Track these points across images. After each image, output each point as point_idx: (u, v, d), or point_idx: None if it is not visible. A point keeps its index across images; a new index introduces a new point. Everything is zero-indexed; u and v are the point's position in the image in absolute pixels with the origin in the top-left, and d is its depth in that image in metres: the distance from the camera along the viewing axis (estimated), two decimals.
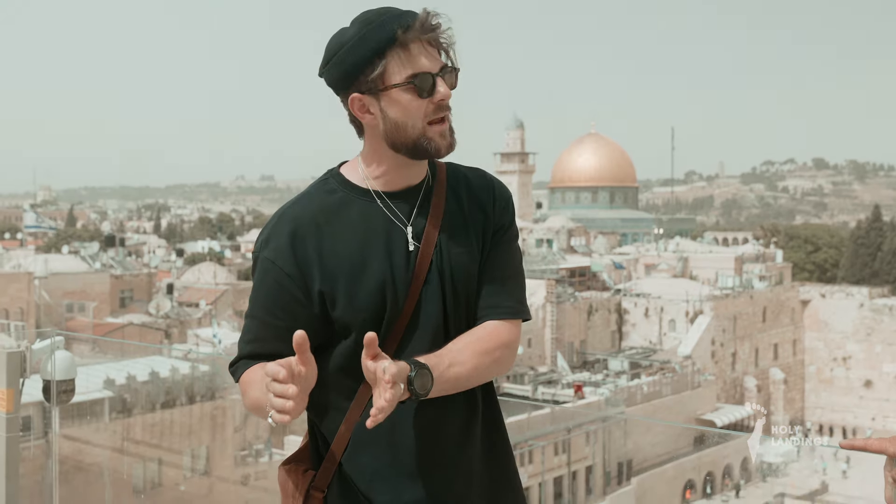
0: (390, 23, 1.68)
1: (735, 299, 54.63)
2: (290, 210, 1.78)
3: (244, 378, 1.76)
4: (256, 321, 1.76)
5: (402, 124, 1.72)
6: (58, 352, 3.02)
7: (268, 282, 1.74)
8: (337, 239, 1.74)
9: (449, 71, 1.74)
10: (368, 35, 1.68)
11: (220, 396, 28.39)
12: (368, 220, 1.76)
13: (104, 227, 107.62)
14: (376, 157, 1.79)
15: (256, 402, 1.70)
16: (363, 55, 1.69)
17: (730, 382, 53.01)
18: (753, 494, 40.77)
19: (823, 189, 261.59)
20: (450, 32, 1.74)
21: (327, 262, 1.72)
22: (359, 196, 1.78)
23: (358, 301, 1.72)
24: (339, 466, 1.79)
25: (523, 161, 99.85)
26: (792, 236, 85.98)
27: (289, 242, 1.73)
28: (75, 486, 5.23)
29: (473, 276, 1.81)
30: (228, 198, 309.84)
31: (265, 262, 1.74)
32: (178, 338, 39.89)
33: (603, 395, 38.89)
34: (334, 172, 1.84)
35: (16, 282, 39.38)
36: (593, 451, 36.67)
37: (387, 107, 1.72)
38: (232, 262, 64.20)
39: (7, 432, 2.94)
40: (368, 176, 1.79)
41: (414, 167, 1.80)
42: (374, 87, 1.71)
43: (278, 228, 1.75)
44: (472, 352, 1.74)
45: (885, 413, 55.30)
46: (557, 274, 56.91)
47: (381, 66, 1.69)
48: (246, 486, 27.73)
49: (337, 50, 1.72)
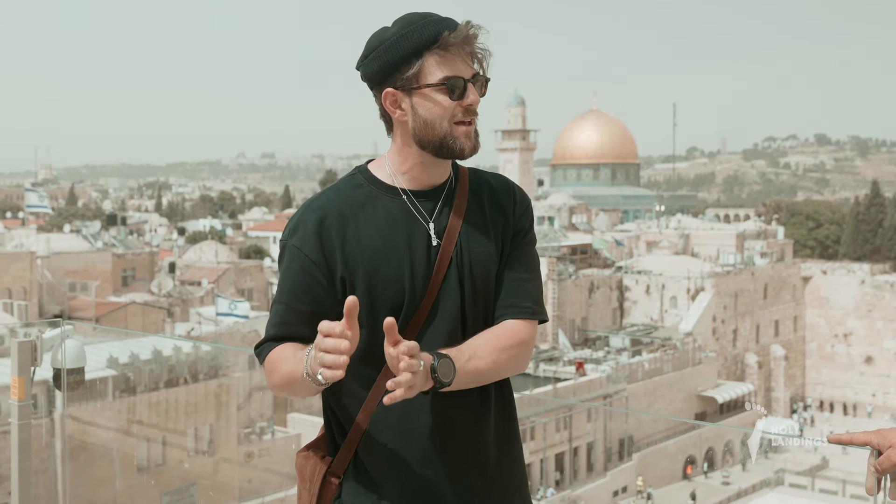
0: (432, 26, 1.78)
1: (736, 276, 54.69)
2: (317, 200, 1.86)
3: (272, 356, 1.81)
4: (283, 306, 1.82)
5: (431, 122, 1.81)
6: (68, 340, 3.08)
7: (294, 268, 1.81)
8: (361, 230, 1.81)
9: (480, 79, 1.83)
10: (410, 34, 1.78)
11: (224, 374, 28.52)
12: (393, 214, 1.84)
13: (105, 205, 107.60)
14: (403, 155, 1.87)
15: (289, 374, 1.75)
16: (402, 53, 1.78)
17: (731, 359, 53.17)
18: (754, 471, 40.99)
19: (825, 165, 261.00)
20: (486, 44, 1.82)
21: (351, 252, 1.80)
22: (385, 192, 1.86)
23: (378, 290, 1.79)
24: (355, 453, 1.85)
25: (524, 138, 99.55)
26: (793, 213, 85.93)
27: (315, 231, 1.80)
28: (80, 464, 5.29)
29: (492, 276, 1.89)
30: (229, 176, 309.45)
31: (292, 250, 1.82)
32: (181, 316, 39.98)
33: (604, 373, 39.03)
34: (362, 168, 1.92)
35: (18, 261, 39.41)
36: (594, 427, 36.84)
37: (418, 104, 1.81)
38: (234, 241, 64.22)
39: (19, 419, 3.00)
40: (395, 173, 1.87)
41: (439, 166, 1.88)
42: (408, 85, 1.80)
43: (305, 217, 1.83)
44: (491, 348, 1.81)
45: (886, 389, 55.48)
46: (559, 251, 56.94)
47: (418, 65, 1.79)
48: (249, 464, 27.93)
49: (377, 45, 1.81)
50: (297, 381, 1.72)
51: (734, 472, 40.41)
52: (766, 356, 55.96)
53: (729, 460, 42.29)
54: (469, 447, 1.86)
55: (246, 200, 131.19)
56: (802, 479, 39.83)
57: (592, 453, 36.78)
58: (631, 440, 38.32)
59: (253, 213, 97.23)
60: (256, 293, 47.85)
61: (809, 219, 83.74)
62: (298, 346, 1.79)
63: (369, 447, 1.84)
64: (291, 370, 1.74)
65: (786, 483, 39.47)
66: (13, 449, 2.97)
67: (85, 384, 3.29)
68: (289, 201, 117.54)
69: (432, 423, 1.82)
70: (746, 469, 41.44)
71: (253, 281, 48.40)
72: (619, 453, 37.89)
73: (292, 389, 1.79)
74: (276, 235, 70.03)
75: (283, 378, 1.79)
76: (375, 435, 1.83)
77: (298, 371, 1.70)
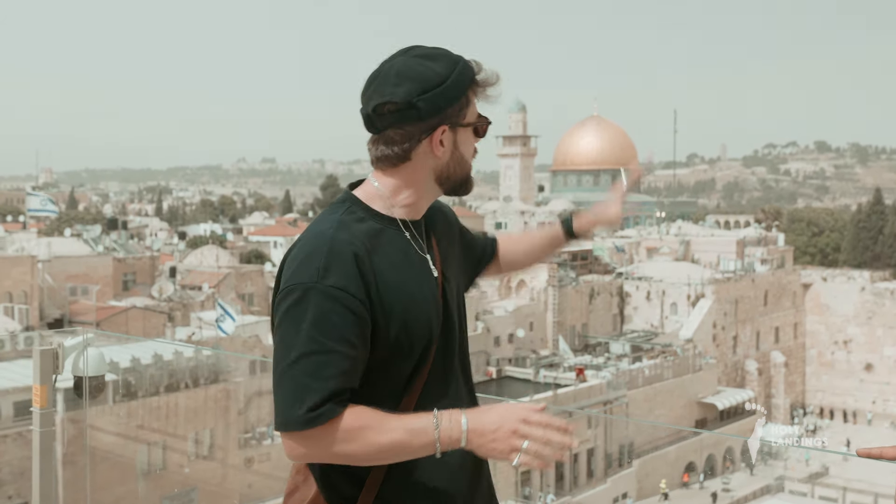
0: (470, 67, 1.83)
1: (736, 283, 54.70)
2: (340, 236, 1.74)
3: (352, 422, 1.67)
4: (333, 355, 1.66)
5: (464, 161, 1.85)
6: (89, 349, 3.11)
7: (339, 311, 1.67)
8: (383, 264, 1.75)
9: (488, 125, 1.90)
10: (464, 72, 1.80)
11: (225, 379, 28.51)
12: (401, 249, 1.81)
13: (106, 209, 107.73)
14: (413, 188, 1.84)
15: (391, 445, 1.67)
16: (461, 90, 1.80)
17: (731, 366, 53.16)
18: (754, 477, 40.96)
19: (825, 172, 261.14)
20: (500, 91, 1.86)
21: (384, 291, 1.73)
22: (386, 224, 1.82)
23: (409, 331, 1.74)
24: (375, 500, 1.77)
25: (525, 144, 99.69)
26: (794, 219, 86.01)
27: (355, 269, 1.70)
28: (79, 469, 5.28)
29: (462, 297, 1.98)
30: (230, 180, 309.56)
31: (332, 291, 1.67)
32: (182, 321, 39.97)
33: (604, 379, 39.01)
34: (354, 199, 1.84)
35: (19, 265, 39.40)
36: (595, 433, 36.82)
37: (460, 141, 1.83)
38: (234, 245, 64.26)
39: (41, 427, 3.02)
40: (395, 204, 1.84)
41: (430, 201, 1.91)
42: (457, 122, 1.81)
43: (338, 254, 1.71)
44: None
45: (886, 396, 55.45)
46: (559, 257, 56.92)
47: (464, 102, 1.82)
48: (250, 469, 27.90)
49: (437, 81, 1.77)
50: (404, 452, 1.67)
51: (734, 479, 40.37)
52: (767, 363, 55.95)
53: (729, 466, 42.25)
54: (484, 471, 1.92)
55: (246, 205, 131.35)
56: (802, 486, 39.81)
57: (593, 459, 36.76)
58: (631, 446, 38.29)
59: (254, 217, 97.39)
60: (257, 298, 47.85)
61: (810, 225, 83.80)
62: (378, 412, 1.68)
63: (398, 488, 1.76)
64: (399, 440, 1.66)
65: (786, 490, 39.46)
66: (34, 456, 2.99)
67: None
68: (289, 206, 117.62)
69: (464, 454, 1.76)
70: (753, 473, 41.43)
71: (253, 286, 48.40)
72: (620, 459, 37.87)
73: (378, 460, 1.70)
74: (277, 240, 70.62)
75: (374, 449, 1.67)
76: (403, 475, 1.76)
77: (417, 441, 1.66)
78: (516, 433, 1.64)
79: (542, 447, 1.64)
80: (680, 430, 44.00)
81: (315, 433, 1.64)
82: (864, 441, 48.27)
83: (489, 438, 1.65)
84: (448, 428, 1.65)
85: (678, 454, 40.00)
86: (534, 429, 1.64)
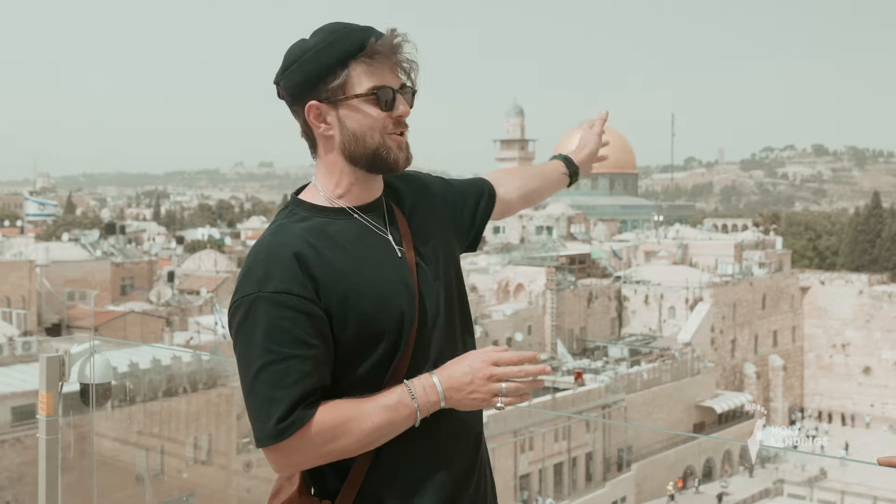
0: (357, 34, 1.69)
1: (735, 286, 54.71)
2: (276, 240, 1.68)
3: (327, 421, 1.61)
4: (292, 360, 1.59)
5: (361, 135, 1.71)
6: (95, 356, 3.11)
7: (288, 315, 1.60)
8: (333, 255, 1.68)
9: (408, 90, 1.74)
10: (334, 43, 1.68)
11: (223, 384, 28.47)
12: (355, 235, 1.73)
13: (103, 214, 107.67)
14: (335, 174, 1.76)
15: (380, 426, 1.63)
16: (327, 62, 1.68)
17: (729, 369, 53.16)
18: (753, 481, 40.96)
19: (823, 175, 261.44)
20: (413, 54, 1.73)
21: (334, 283, 1.65)
22: (333, 216, 1.74)
23: (371, 317, 1.66)
24: (360, 488, 1.70)
25: (523, 148, 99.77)
26: (791, 223, 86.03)
27: (296, 268, 1.62)
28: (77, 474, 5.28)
29: (453, 263, 1.87)
30: (228, 184, 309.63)
31: (276, 297, 1.60)
32: (180, 325, 39.95)
33: (603, 382, 39.00)
34: (296, 202, 1.79)
35: (17, 270, 39.38)
36: (593, 437, 36.81)
37: (345, 116, 1.71)
38: (232, 250, 64.21)
39: (47, 434, 3.02)
40: (333, 196, 1.76)
41: (373, 182, 1.79)
42: (333, 96, 1.70)
43: (275, 259, 1.64)
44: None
45: (884, 399, 55.44)
46: (557, 261, 56.94)
47: (344, 75, 1.68)
48: (248, 474, 27.84)
49: (299, 56, 1.70)
50: (391, 430, 1.64)
51: (733, 482, 40.35)
52: (765, 366, 55.95)
53: (728, 470, 42.24)
54: (472, 456, 1.82)
55: (244, 209, 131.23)
56: (801, 489, 39.82)
57: (591, 463, 36.75)
58: (630, 450, 38.28)
59: (251, 221, 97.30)
60: None
61: (807, 229, 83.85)
62: (351, 400, 1.64)
63: (381, 479, 1.70)
64: (383, 421, 1.63)
65: (785, 493, 39.45)
66: (41, 464, 2.99)
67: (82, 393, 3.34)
68: None
69: (451, 445, 1.76)
70: (752, 475, 41.41)
71: None
72: (618, 463, 37.85)
73: (371, 445, 1.65)
74: None
75: (364, 436, 1.63)
76: (392, 458, 1.70)
77: (399, 416, 1.63)
78: (492, 378, 1.64)
79: (520, 384, 1.65)
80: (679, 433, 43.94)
81: (292, 443, 1.59)
82: (862, 446, 48.28)
83: (467, 392, 1.65)
84: (424, 393, 1.64)
85: (677, 458, 39.99)
86: (506, 368, 1.65)
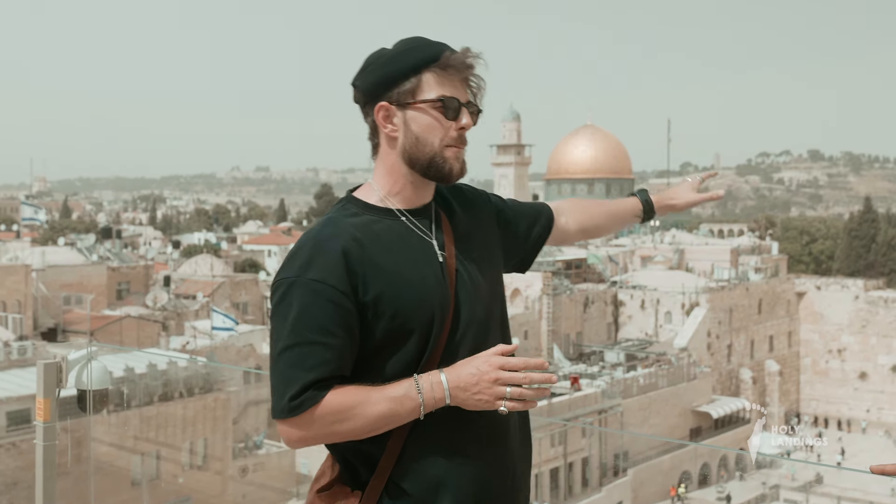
0: (433, 46, 1.81)
1: (731, 291, 54.74)
2: (324, 232, 1.79)
3: (336, 404, 1.71)
4: (315, 346, 1.71)
5: (423, 139, 1.80)
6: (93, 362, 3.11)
7: (320, 303, 1.71)
8: (377, 253, 1.77)
9: (473, 107, 1.85)
10: (410, 51, 1.80)
11: (219, 389, 28.45)
12: (399, 235, 1.82)
13: (100, 218, 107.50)
14: (392, 175, 1.86)
15: (383, 415, 1.71)
16: (401, 67, 1.79)
17: (725, 374, 53.18)
18: (748, 487, 40.95)
19: (819, 181, 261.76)
20: (483, 77, 1.85)
21: (375, 274, 1.75)
22: (382, 216, 1.83)
23: (406, 314, 1.75)
24: (388, 483, 1.79)
25: (519, 153, 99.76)
26: (787, 228, 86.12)
27: (339, 260, 1.73)
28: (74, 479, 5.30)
29: (496, 275, 1.96)
30: (224, 189, 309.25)
31: (312, 284, 1.71)
32: (176, 330, 39.90)
33: (599, 387, 39.00)
34: (350, 198, 1.88)
35: (13, 274, 39.32)
36: (589, 442, 36.79)
37: (411, 119, 1.81)
38: (228, 254, 64.17)
39: (44, 440, 3.01)
40: (387, 195, 1.86)
41: (426, 187, 1.88)
42: (402, 100, 1.80)
43: (321, 249, 1.75)
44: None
45: (880, 405, 55.50)
46: (554, 266, 56.93)
47: (415, 81, 1.80)
48: (244, 478, 27.83)
49: (376, 59, 1.83)
50: (394, 420, 1.72)
51: (728, 488, 40.34)
52: (761, 371, 55.98)
53: (724, 475, 42.24)
54: (515, 446, 1.89)
55: (240, 214, 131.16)
56: (797, 494, 39.81)
57: (587, 468, 36.73)
58: (626, 455, 38.26)
59: (248, 226, 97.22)
60: (251, 307, 47.80)
61: (803, 234, 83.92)
62: (362, 387, 1.72)
63: (409, 473, 1.78)
64: (387, 411, 1.71)
65: (781, 499, 39.45)
66: (38, 470, 2.99)
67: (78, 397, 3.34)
68: (283, 215, 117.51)
69: (475, 439, 1.82)
70: (742, 478, 41.41)
71: (248, 294, 48.34)
72: (614, 468, 37.83)
73: (374, 431, 1.74)
74: (271, 249, 70.47)
75: (368, 422, 1.72)
76: (418, 454, 1.78)
77: (403, 408, 1.70)
78: (498, 381, 1.69)
79: (525, 390, 1.70)
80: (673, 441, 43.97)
81: (301, 420, 1.70)
82: (859, 450, 48.31)
83: (472, 392, 1.70)
84: (430, 389, 1.71)
85: (673, 463, 39.98)
86: (514, 374, 1.70)
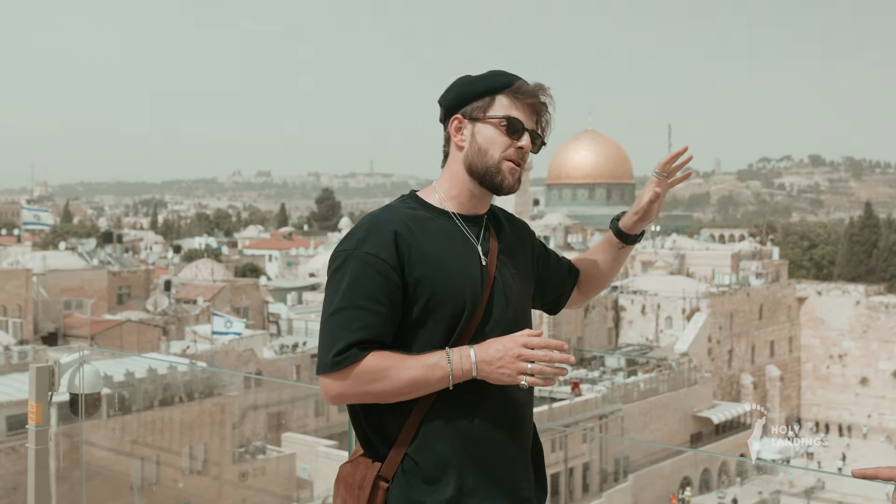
0: (510, 76, 2.09)
1: (731, 296, 54.71)
2: (381, 216, 2.02)
3: (373, 364, 1.90)
4: (362, 311, 1.91)
5: (485, 150, 2.05)
6: (85, 366, 3.10)
7: (370, 273, 1.93)
8: (425, 242, 2.00)
9: (537, 136, 2.10)
10: (489, 77, 2.09)
11: (219, 393, 28.41)
12: (448, 234, 2.05)
13: (101, 223, 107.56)
14: (453, 181, 2.11)
15: (413, 380, 1.90)
16: (478, 89, 2.07)
17: (726, 379, 53.12)
18: (749, 492, 40.87)
19: (820, 186, 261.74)
20: (551, 113, 2.12)
21: (419, 260, 1.96)
22: (437, 215, 2.07)
23: (441, 298, 1.96)
24: (404, 456, 1.97)
25: None
26: (788, 233, 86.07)
27: (391, 238, 1.95)
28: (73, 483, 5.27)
29: (526, 294, 2.18)
30: (225, 194, 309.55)
31: (366, 257, 1.94)
32: (176, 334, 39.88)
33: (600, 392, 38.95)
34: (412, 195, 2.13)
35: (14, 279, 39.29)
36: (590, 447, 36.72)
37: (478, 132, 2.06)
38: (229, 259, 64.12)
39: (36, 444, 3.01)
40: (446, 198, 2.10)
41: (483, 198, 2.12)
42: (474, 115, 2.07)
43: (376, 228, 1.98)
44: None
45: (881, 410, 55.44)
46: None
47: (488, 100, 2.06)
48: (244, 483, 27.78)
49: (461, 81, 2.10)
50: (424, 386, 1.91)
51: (729, 493, 40.25)
52: (762, 377, 55.92)
53: (725, 480, 42.15)
54: (519, 439, 2.07)
55: (241, 218, 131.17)
56: (798, 500, 39.72)
57: (588, 473, 36.66)
58: (626, 460, 38.19)
59: (248, 231, 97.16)
60: (252, 311, 47.77)
61: (804, 239, 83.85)
62: (398, 354, 1.92)
63: (422, 450, 1.96)
64: (418, 376, 1.90)
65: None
66: (30, 473, 2.98)
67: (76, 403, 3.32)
68: (284, 219, 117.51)
69: (491, 428, 2.00)
70: (741, 484, 41.31)
71: (248, 299, 48.32)
72: (615, 474, 37.76)
73: (404, 395, 1.92)
74: (272, 253, 70.52)
75: (400, 385, 1.90)
76: (429, 438, 1.96)
77: (433, 375, 1.90)
78: (520, 357, 1.88)
79: (545, 367, 1.88)
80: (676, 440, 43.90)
81: (341, 375, 1.90)
82: (861, 455, 48.24)
83: (497, 366, 1.89)
84: (459, 361, 1.90)
85: (673, 468, 39.89)
86: (535, 351, 1.88)
